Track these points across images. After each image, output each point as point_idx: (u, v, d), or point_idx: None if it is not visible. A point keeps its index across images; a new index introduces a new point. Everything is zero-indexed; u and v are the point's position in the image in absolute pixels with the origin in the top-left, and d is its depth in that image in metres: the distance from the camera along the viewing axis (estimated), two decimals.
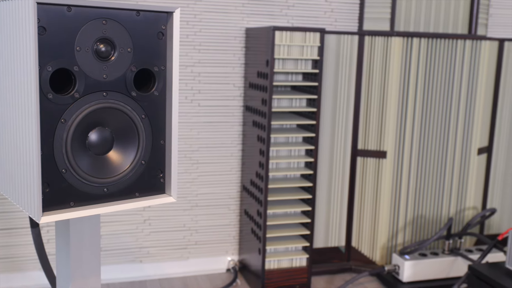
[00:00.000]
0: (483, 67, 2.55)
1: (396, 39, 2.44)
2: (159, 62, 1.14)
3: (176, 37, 1.13)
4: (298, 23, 2.49)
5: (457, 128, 2.56)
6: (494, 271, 1.83)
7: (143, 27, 1.11)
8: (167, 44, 1.15)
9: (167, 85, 1.16)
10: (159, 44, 1.14)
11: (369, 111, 2.51)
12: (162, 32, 1.14)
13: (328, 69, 2.45)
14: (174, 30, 1.13)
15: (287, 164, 2.39)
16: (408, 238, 2.60)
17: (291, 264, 2.36)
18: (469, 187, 2.63)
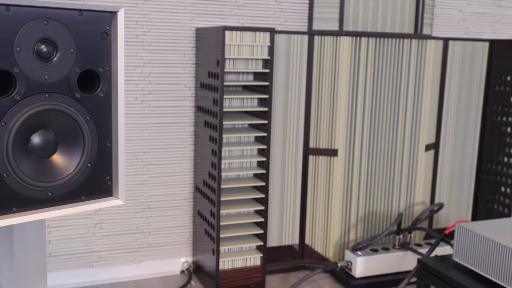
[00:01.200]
0: (429, 65, 2.62)
1: (345, 39, 2.47)
2: (104, 63, 1.12)
3: (120, 37, 1.11)
4: (248, 23, 2.49)
5: (405, 125, 2.62)
6: (442, 264, 1.88)
7: (87, 27, 1.08)
8: (111, 45, 1.13)
9: (112, 86, 1.14)
10: (104, 45, 1.12)
11: (320, 110, 2.54)
12: (106, 32, 1.12)
13: (279, 69, 2.47)
14: (118, 30, 1.11)
15: (240, 164, 2.39)
16: (360, 234, 2.64)
17: (245, 264, 2.36)
18: (417, 183, 2.70)
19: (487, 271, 1.72)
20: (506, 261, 1.64)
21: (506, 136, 2.74)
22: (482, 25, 2.99)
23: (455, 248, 1.85)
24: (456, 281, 1.75)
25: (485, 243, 1.72)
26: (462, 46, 2.78)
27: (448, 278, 1.79)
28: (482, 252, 1.73)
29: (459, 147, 2.87)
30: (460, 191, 2.92)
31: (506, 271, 1.65)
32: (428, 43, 2.60)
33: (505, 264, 1.65)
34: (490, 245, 1.70)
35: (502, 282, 1.66)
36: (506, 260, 1.64)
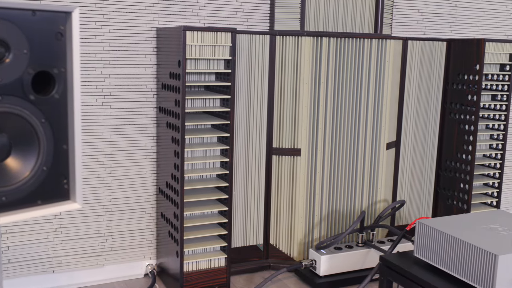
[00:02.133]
0: (389, 65, 2.66)
1: (306, 39, 2.49)
2: (59, 64, 1.10)
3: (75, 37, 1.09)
4: (209, 23, 2.48)
5: (366, 124, 2.65)
6: (403, 260, 1.91)
7: (40, 27, 1.06)
8: (66, 45, 1.11)
9: (68, 88, 1.12)
10: (59, 45, 1.09)
11: (282, 110, 2.55)
12: (61, 33, 1.09)
13: (241, 69, 2.47)
14: (73, 31, 1.09)
15: (203, 164, 2.37)
16: (324, 233, 2.66)
17: (209, 265, 2.35)
18: (379, 181, 2.73)
19: (446, 266, 1.75)
20: (465, 255, 1.68)
21: (463, 134, 2.81)
22: (440, 25, 3.05)
23: (416, 244, 1.88)
24: (417, 277, 1.78)
25: (444, 238, 1.76)
26: (420, 45, 2.83)
27: (409, 274, 1.82)
28: (442, 247, 1.77)
29: (419, 145, 2.93)
30: (420, 188, 2.97)
31: (464, 266, 1.68)
32: (388, 42, 2.64)
33: (463, 259, 1.68)
34: (449, 240, 1.74)
35: (462, 277, 1.69)
36: (464, 255, 1.68)
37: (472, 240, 1.68)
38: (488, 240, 1.69)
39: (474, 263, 1.65)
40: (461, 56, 2.80)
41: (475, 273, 1.64)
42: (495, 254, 1.58)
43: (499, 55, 2.77)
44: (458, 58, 2.82)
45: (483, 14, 3.17)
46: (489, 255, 1.60)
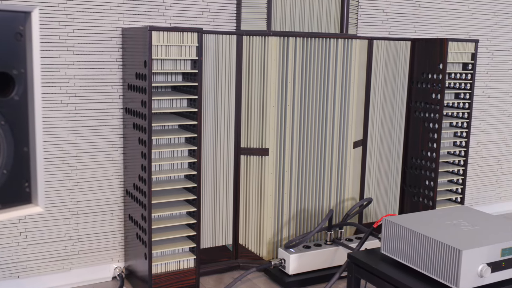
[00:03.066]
0: (354, 64, 2.69)
1: (273, 39, 2.50)
2: (19, 65, 1.07)
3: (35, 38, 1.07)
4: (176, 23, 2.47)
5: (333, 123, 2.67)
6: (371, 258, 1.93)
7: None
8: (26, 46, 1.09)
9: (28, 89, 1.09)
10: (18, 46, 1.07)
11: (250, 109, 2.55)
12: (20, 33, 1.07)
13: (208, 69, 2.46)
14: (33, 31, 1.07)
15: (170, 165, 2.36)
16: (293, 232, 2.67)
17: (178, 267, 2.34)
18: (347, 179, 2.76)
19: (412, 262, 1.78)
20: (430, 251, 1.71)
21: (428, 132, 2.85)
22: (404, 25, 3.10)
23: (383, 241, 1.91)
24: (384, 273, 1.80)
25: (409, 235, 1.78)
26: (386, 45, 2.87)
27: (376, 270, 1.84)
28: (408, 244, 1.79)
29: (385, 143, 2.96)
30: (387, 186, 3.01)
31: (430, 261, 1.71)
32: (354, 42, 2.67)
33: (429, 255, 1.71)
34: (414, 236, 1.77)
35: (427, 272, 1.72)
36: (429, 251, 1.71)
37: (436, 236, 1.71)
38: (452, 235, 1.73)
39: (439, 259, 1.68)
40: (425, 56, 2.85)
41: (440, 269, 1.67)
42: (459, 249, 1.61)
43: (462, 54, 2.83)
44: (422, 57, 2.87)
45: (446, 14, 3.23)
46: (453, 250, 1.63)
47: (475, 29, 3.35)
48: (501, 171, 3.66)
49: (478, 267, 1.65)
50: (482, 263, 1.65)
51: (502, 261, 1.70)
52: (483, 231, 1.79)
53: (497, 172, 3.64)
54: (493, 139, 3.58)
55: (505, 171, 3.67)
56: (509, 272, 1.72)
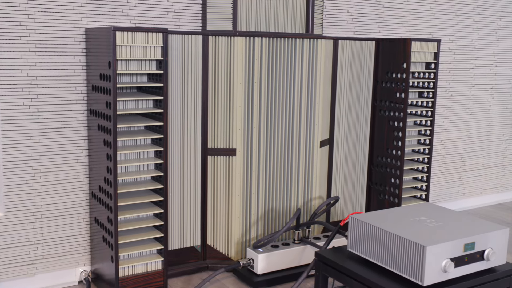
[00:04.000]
0: (320, 64, 2.71)
1: (239, 39, 2.50)
2: None
3: None
4: (141, 23, 2.44)
5: (300, 122, 2.69)
6: (338, 256, 1.95)
7: None
8: None
9: None
10: None
11: (216, 110, 2.55)
12: None
13: (174, 70, 2.44)
14: None
15: (136, 167, 2.34)
16: (261, 232, 2.68)
17: (146, 269, 2.32)
18: (314, 178, 2.78)
19: (378, 259, 1.80)
20: (395, 248, 1.73)
21: (393, 130, 2.90)
22: (369, 25, 3.14)
23: (349, 239, 1.93)
24: (350, 271, 1.82)
25: (375, 232, 1.81)
26: (350, 45, 2.90)
27: (343, 268, 1.86)
28: (373, 241, 1.82)
29: (351, 142, 3.00)
30: (354, 184, 3.05)
31: (395, 258, 1.73)
32: (319, 42, 2.69)
33: (394, 251, 1.74)
34: (380, 234, 1.79)
35: (393, 269, 1.75)
36: (394, 247, 1.73)
37: (401, 233, 1.73)
38: (416, 232, 1.76)
39: (404, 255, 1.70)
40: (389, 55, 2.89)
41: (405, 265, 1.70)
42: (423, 245, 1.64)
43: (425, 54, 2.88)
44: (386, 57, 2.91)
45: (409, 14, 3.28)
46: (418, 247, 1.66)
47: (438, 29, 3.42)
48: (464, 168, 3.74)
49: (442, 262, 1.68)
50: (446, 258, 1.69)
51: (465, 256, 1.73)
52: (447, 227, 1.83)
53: (460, 169, 3.72)
54: (456, 136, 3.66)
55: (468, 168, 3.76)
56: (471, 266, 1.76)
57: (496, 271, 1.81)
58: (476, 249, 1.76)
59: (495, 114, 3.83)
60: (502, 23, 3.73)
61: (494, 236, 1.80)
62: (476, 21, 3.59)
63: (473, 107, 3.70)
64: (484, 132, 3.80)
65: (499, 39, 3.73)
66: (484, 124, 3.78)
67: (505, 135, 3.92)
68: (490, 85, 3.76)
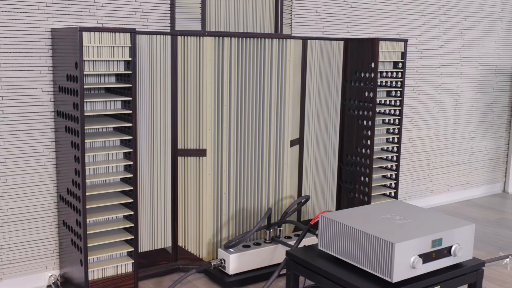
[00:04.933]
0: (290, 64, 2.72)
1: (208, 39, 2.49)
2: None
3: None
4: (108, 24, 2.41)
5: (270, 122, 2.70)
6: (309, 254, 1.96)
7: None
8: None
9: None
10: None
11: (186, 110, 2.54)
12: None
13: (143, 70, 2.42)
14: None
15: (105, 169, 2.31)
16: (232, 232, 2.68)
17: (116, 272, 2.29)
18: (284, 177, 2.79)
19: (348, 256, 1.82)
20: (364, 245, 1.75)
21: (362, 129, 2.93)
22: (337, 25, 3.16)
23: (320, 238, 1.94)
24: (321, 269, 1.84)
25: (345, 230, 1.82)
26: (319, 45, 2.92)
27: (314, 267, 1.87)
28: (343, 239, 1.83)
29: (321, 141, 3.02)
30: (324, 183, 3.07)
31: (365, 255, 1.75)
32: (288, 42, 2.70)
33: (363, 249, 1.76)
34: (349, 231, 1.81)
35: (363, 266, 1.77)
36: (364, 245, 1.75)
37: (370, 230, 1.75)
38: (385, 229, 1.78)
39: (373, 252, 1.72)
40: (357, 55, 2.92)
41: (375, 262, 1.72)
42: (391, 242, 1.66)
43: (392, 53, 2.92)
44: (354, 56, 2.94)
45: (377, 15, 3.32)
46: (387, 244, 1.68)
47: (405, 29, 3.47)
48: (432, 165, 3.80)
49: (410, 258, 1.71)
50: (414, 255, 1.71)
51: (433, 252, 1.77)
52: (415, 224, 1.85)
53: (428, 166, 3.78)
54: (424, 134, 3.71)
55: (435, 165, 3.82)
56: (439, 262, 1.79)
57: (463, 266, 1.85)
58: (444, 245, 1.79)
59: (461, 112, 3.91)
60: (467, 23, 3.80)
61: (460, 232, 1.84)
62: (442, 21, 3.65)
63: (440, 106, 3.76)
64: (451, 130, 3.87)
65: (464, 39, 3.81)
66: (451, 122, 3.85)
67: (471, 132, 4.00)
68: (456, 83, 3.83)
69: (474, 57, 3.90)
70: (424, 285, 1.74)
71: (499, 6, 3.96)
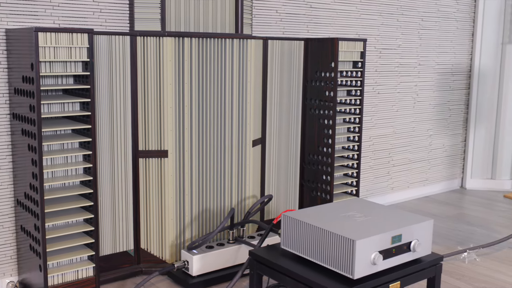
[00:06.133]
0: (251, 64, 2.72)
1: (168, 39, 2.47)
2: None
3: None
4: (65, 24, 2.37)
5: (232, 122, 2.69)
6: (271, 253, 1.97)
7: None
8: None
9: None
10: None
11: (147, 111, 2.51)
12: None
13: (102, 71, 2.39)
14: None
15: (64, 172, 2.27)
16: (196, 233, 2.66)
17: (76, 276, 2.25)
18: (247, 177, 2.79)
19: (310, 255, 1.83)
20: (326, 243, 1.77)
21: (323, 128, 2.96)
22: (298, 25, 3.19)
23: (282, 237, 1.95)
24: (284, 268, 1.85)
25: (306, 228, 1.84)
26: (280, 45, 2.93)
27: (277, 266, 1.88)
28: (305, 237, 1.85)
29: (283, 140, 3.03)
30: (287, 182, 3.09)
31: (326, 253, 1.77)
32: (249, 42, 2.70)
33: (325, 247, 1.77)
34: (311, 230, 1.82)
35: (325, 264, 1.78)
36: (325, 243, 1.77)
37: (331, 228, 1.77)
38: (346, 227, 1.80)
39: (334, 250, 1.74)
40: (317, 55, 2.95)
41: (336, 259, 1.74)
42: (352, 240, 1.68)
43: (352, 53, 2.95)
44: (315, 56, 2.96)
45: (336, 15, 3.36)
46: (347, 241, 1.70)
47: (364, 29, 3.52)
48: (392, 163, 3.87)
49: (371, 255, 1.73)
50: (375, 251, 1.74)
51: (393, 248, 1.80)
52: (375, 221, 1.88)
53: (388, 164, 3.84)
54: (384, 133, 3.78)
55: (395, 163, 3.89)
56: (399, 258, 1.82)
57: (422, 261, 1.89)
58: (403, 241, 1.83)
59: (420, 110, 3.99)
60: (424, 23, 3.88)
61: (419, 228, 1.87)
62: (400, 21, 3.72)
63: (399, 104, 3.83)
64: (410, 128, 3.95)
65: (422, 38, 3.89)
66: (409, 120, 3.93)
67: (429, 130, 4.09)
68: (414, 82, 3.91)
69: (431, 56, 3.98)
70: (385, 281, 1.77)
71: (454, 7, 4.06)
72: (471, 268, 2.71)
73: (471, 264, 2.77)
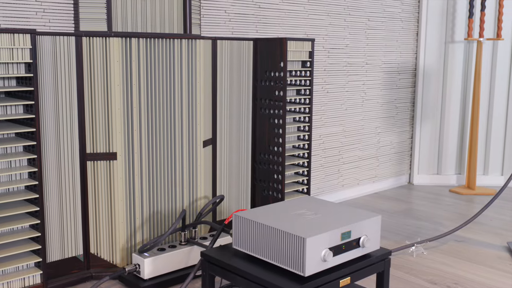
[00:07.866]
0: (199, 64, 2.71)
1: (115, 40, 2.43)
2: None
3: None
4: (6, 24, 2.30)
5: (182, 123, 2.68)
6: (223, 254, 1.96)
7: None
8: None
9: None
10: None
11: (94, 113, 2.46)
12: None
13: (46, 72, 2.33)
14: None
15: (8, 177, 2.20)
16: (147, 236, 2.63)
17: (23, 284, 2.19)
18: (198, 178, 2.78)
19: (262, 254, 1.84)
20: (277, 242, 1.78)
21: (274, 127, 2.98)
22: (246, 25, 3.19)
23: (234, 237, 1.95)
24: (236, 268, 1.85)
25: (257, 228, 1.85)
26: (229, 45, 2.93)
27: (229, 266, 1.88)
28: (256, 236, 1.85)
29: (234, 140, 3.03)
30: (238, 182, 3.09)
31: (278, 252, 1.78)
32: (198, 42, 2.69)
33: (276, 245, 1.78)
34: (262, 229, 1.83)
35: (276, 262, 1.79)
36: (276, 241, 1.78)
37: (282, 227, 1.78)
38: (296, 225, 1.82)
39: (286, 248, 1.76)
40: (267, 55, 2.96)
41: (287, 257, 1.75)
42: (303, 237, 1.70)
43: (300, 53, 2.98)
44: (264, 56, 2.98)
45: (284, 15, 3.38)
46: (298, 239, 1.71)
47: (312, 28, 3.56)
48: (342, 161, 3.93)
49: (321, 252, 1.75)
50: (325, 248, 1.76)
51: (342, 245, 1.82)
52: (325, 218, 1.91)
53: (338, 162, 3.90)
54: (333, 131, 3.83)
55: (345, 160, 3.96)
56: (349, 254, 1.85)
57: (371, 257, 1.93)
58: (352, 237, 1.86)
59: (368, 108, 4.07)
60: (370, 23, 3.96)
61: (368, 223, 1.91)
62: (347, 21, 3.79)
63: (348, 103, 3.90)
64: (359, 126, 4.02)
65: (368, 38, 3.97)
66: (358, 118, 4.00)
67: (377, 128, 4.18)
68: (362, 81, 3.98)
69: (378, 56, 4.07)
70: (335, 277, 1.80)
71: (399, 7, 4.17)
72: (419, 262, 2.79)
73: (419, 257, 2.85)
